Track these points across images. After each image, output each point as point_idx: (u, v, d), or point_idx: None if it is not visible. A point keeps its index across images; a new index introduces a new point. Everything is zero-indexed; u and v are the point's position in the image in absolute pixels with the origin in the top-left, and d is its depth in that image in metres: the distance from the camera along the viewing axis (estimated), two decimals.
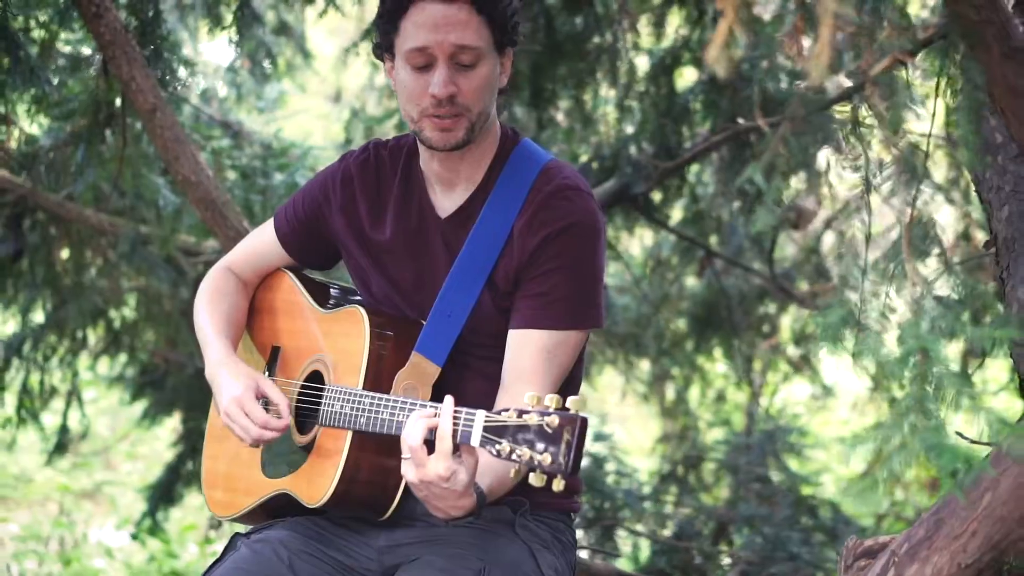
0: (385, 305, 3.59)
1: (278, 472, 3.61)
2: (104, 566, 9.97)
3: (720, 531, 6.80)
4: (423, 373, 3.43)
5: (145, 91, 4.86)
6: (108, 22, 4.84)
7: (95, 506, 11.36)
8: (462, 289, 3.46)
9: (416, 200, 3.56)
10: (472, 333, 3.47)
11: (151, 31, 5.25)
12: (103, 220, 6.15)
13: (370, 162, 3.64)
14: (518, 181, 3.47)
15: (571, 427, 2.88)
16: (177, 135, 4.93)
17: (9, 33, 5.98)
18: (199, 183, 4.98)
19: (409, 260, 3.55)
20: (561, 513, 3.63)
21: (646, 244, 8.17)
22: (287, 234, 3.77)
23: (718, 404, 9.06)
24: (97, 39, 4.88)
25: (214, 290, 3.83)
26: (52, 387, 8.07)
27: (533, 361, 3.38)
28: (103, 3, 4.82)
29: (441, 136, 3.38)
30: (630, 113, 6.48)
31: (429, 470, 3.04)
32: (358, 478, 3.38)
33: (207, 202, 5.02)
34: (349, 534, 3.54)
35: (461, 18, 3.32)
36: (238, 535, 3.58)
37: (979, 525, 2.99)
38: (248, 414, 3.47)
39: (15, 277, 7.27)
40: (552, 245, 3.39)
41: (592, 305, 3.45)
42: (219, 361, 3.61)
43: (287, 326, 3.78)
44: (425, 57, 3.33)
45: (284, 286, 3.81)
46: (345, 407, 3.37)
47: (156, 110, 4.88)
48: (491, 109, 3.45)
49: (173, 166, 4.93)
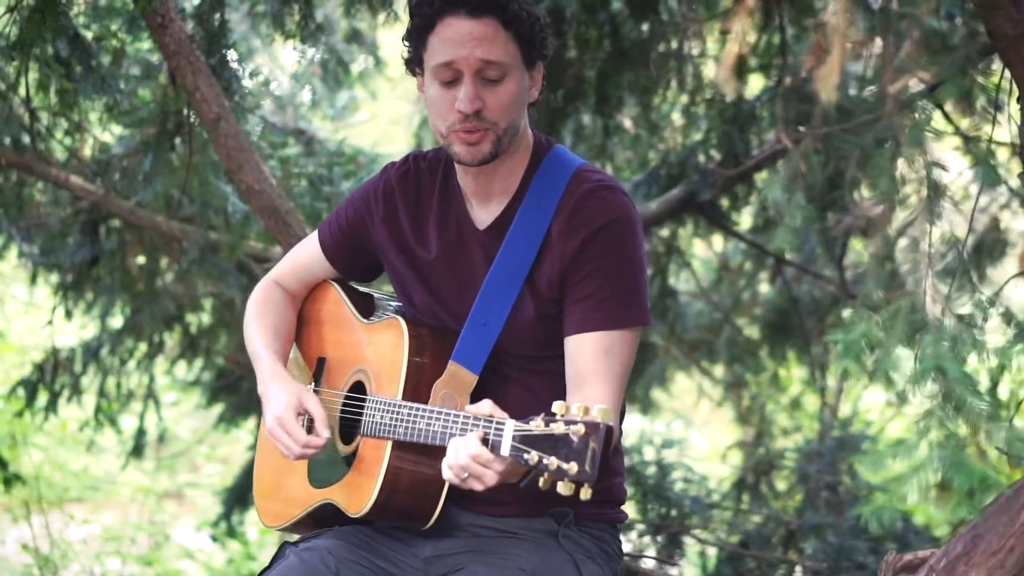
0: (427, 316, 3.60)
1: (324, 482, 3.64)
2: (185, 567, 10.10)
3: (789, 539, 6.74)
4: (460, 382, 3.44)
5: (209, 100, 4.91)
6: (173, 32, 4.89)
7: (178, 507, 11.51)
8: (498, 297, 3.46)
9: (454, 213, 3.57)
10: (511, 341, 3.47)
11: (218, 40, 5.30)
12: (174, 227, 6.21)
13: (410, 174, 3.65)
14: (551, 187, 3.46)
15: (596, 435, 2.87)
16: (241, 144, 4.97)
17: (82, 41, 6.08)
18: (262, 191, 5.01)
19: (450, 272, 3.55)
20: (606, 523, 3.61)
21: (716, 250, 8.12)
22: (331, 246, 3.80)
23: (794, 410, 9.00)
24: (162, 49, 4.93)
25: (262, 303, 3.86)
26: (129, 391, 8.18)
27: (593, 363, 3.36)
28: (168, 13, 4.87)
29: (468, 151, 3.39)
30: (697, 120, 6.46)
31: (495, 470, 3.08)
32: (399, 488, 3.40)
33: (270, 210, 5.05)
34: (395, 543, 3.55)
35: (488, 33, 3.32)
36: (287, 543, 3.61)
37: (1016, 541, 2.95)
38: (289, 433, 3.51)
39: (93, 282, 7.38)
40: (592, 245, 3.38)
41: (639, 302, 3.43)
42: (266, 378, 3.64)
43: (332, 337, 3.80)
44: (452, 72, 3.34)
45: (329, 298, 3.84)
46: (385, 417, 3.39)
47: (220, 119, 4.92)
48: (520, 122, 3.44)
49: (237, 175, 4.97)
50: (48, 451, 11.45)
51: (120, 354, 7.99)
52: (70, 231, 7.06)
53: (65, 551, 10.36)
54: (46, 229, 7.17)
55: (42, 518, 10.29)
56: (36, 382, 7.93)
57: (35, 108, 6.40)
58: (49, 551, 10.05)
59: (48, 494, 11.05)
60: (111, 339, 7.91)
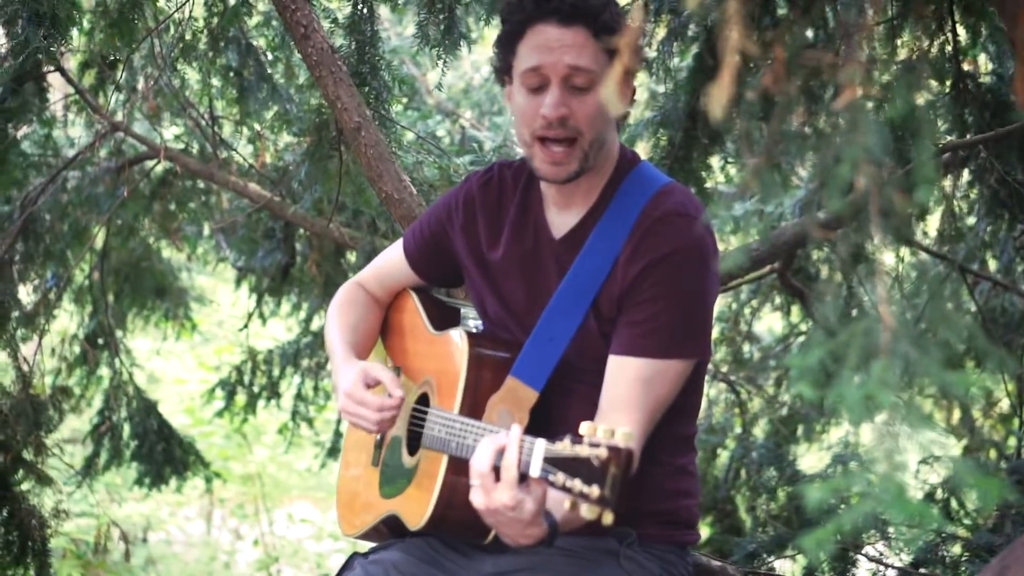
0: (498, 327, 3.57)
1: (391, 493, 3.64)
2: None
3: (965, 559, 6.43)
4: (519, 398, 3.38)
5: (350, 110, 4.94)
6: (316, 43, 4.94)
7: None
8: (566, 313, 3.39)
9: (532, 220, 3.53)
10: (578, 358, 3.40)
11: (369, 50, 5.34)
12: (343, 234, 6.29)
13: (492, 182, 3.63)
14: (629, 206, 3.38)
15: (617, 460, 2.78)
16: (381, 153, 4.99)
17: (254, 51, 6.22)
18: (402, 200, 5.02)
19: (522, 281, 3.51)
20: (673, 545, 3.52)
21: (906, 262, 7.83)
22: (413, 253, 3.80)
23: (1006, 424, 8.63)
24: (306, 59, 4.99)
25: (342, 302, 3.90)
26: (326, 394, 8.33)
27: (629, 390, 3.28)
28: (311, 24, 4.93)
29: (552, 170, 3.34)
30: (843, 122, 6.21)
31: (495, 498, 2.99)
32: (454, 502, 3.36)
33: (410, 220, 5.05)
34: (459, 557, 3.53)
35: (577, 41, 3.27)
36: (356, 555, 3.61)
37: None
38: (361, 403, 3.48)
39: (290, 285, 7.55)
40: (653, 273, 3.29)
41: (694, 336, 3.33)
42: (339, 366, 3.66)
43: (407, 347, 3.81)
44: (539, 78, 3.30)
45: (408, 307, 3.85)
46: (441, 431, 3.36)
47: (360, 128, 4.96)
48: (607, 135, 3.38)
49: (377, 184, 4.99)
50: (274, 450, 11.77)
51: (318, 358, 8.15)
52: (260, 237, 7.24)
53: (296, 550, 10.65)
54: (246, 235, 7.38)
55: (267, 516, 10.60)
56: (235, 384, 8.15)
57: (217, 116, 6.59)
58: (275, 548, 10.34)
59: (273, 492, 11.36)
60: (308, 343, 8.08)
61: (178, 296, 8.41)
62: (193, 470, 7.88)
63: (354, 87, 4.98)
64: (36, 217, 6.66)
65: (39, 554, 6.37)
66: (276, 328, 10.36)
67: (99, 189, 6.96)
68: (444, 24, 5.34)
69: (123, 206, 7.04)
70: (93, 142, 6.74)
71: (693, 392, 3.47)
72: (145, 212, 7.38)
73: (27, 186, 6.78)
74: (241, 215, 7.16)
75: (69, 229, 7.03)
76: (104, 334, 7.74)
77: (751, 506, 7.28)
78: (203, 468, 7.95)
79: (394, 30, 8.59)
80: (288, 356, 8.10)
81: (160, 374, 12.81)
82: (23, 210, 6.58)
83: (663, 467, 3.47)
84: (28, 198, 6.63)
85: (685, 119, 5.48)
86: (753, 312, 8.29)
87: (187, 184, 7.38)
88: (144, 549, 10.06)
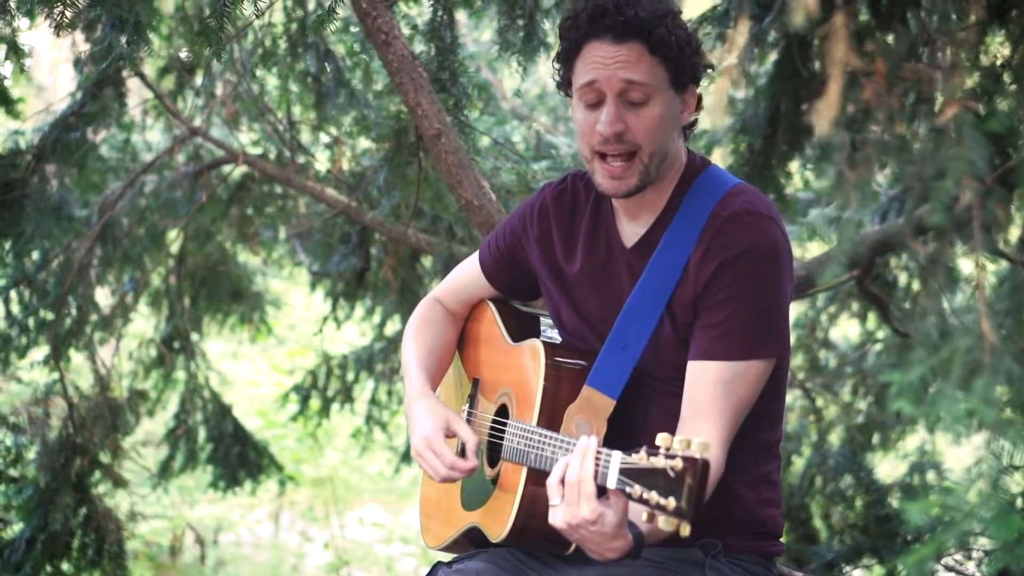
0: (575, 337, 3.55)
1: (472, 504, 3.63)
2: None
3: None
4: (596, 408, 3.36)
5: (430, 116, 4.93)
6: (396, 50, 4.94)
7: None
8: (639, 320, 3.36)
9: (604, 230, 3.50)
10: (654, 365, 3.38)
11: (449, 56, 5.34)
12: (421, 239, 6.29)
13: (567, 193, 3.61)
14: (699, 208, 3.35)
15: (693, 471, 2.76)
16: (461, 160, 4.98)
17: (332, 56, 6.23)
18: (481, 207, 5.01)
19: (596, 291, 3.49)
20: (759, 556, 3.48)
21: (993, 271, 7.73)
22: (489, 265, 3.79)
23: None
24: (386, 66, 4.99)
25: (420, 321, 3.89)
26: (400, 398, 8.33)
27: (709, 394, 3.25)
28: (392, 31, 4.93)
29: (612, 184, 3.33)
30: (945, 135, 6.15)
31: (576, 513, 2.97)
32: (535, 513, 3.34)
33: (489, 226, 5.05)
34: (543, 568, 3.50)
35: (632, 57, 3.26)
36: (440, 564, 3.59)
37: None
38: (436, 453, 3.49)
39: (365, 290, 7.56)
40: (727, 273, 3.26)
41: (772, 334, 3.29)
42: (414, 396, 3.65)
43: (486, 358, 3.79)
44: (595, 93, 3.29)
45: (486, 318, 3.83)
46: (520, 443, 3.35)
47: (441, 135, 4.95)
48: (669, 147, 3.35)
49: (456, 190, 4.98)
50: (346, 453, 11.81)
51: (392, 363, 8.15)
52: (336, 241, 7.25)
53: (366, 553, 10.67)
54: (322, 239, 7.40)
55: (338, 519, 10.62)
56: (309, 388, 8.17)
57: (295, 121, 6.60)
58: (345, 551, 10.36)
59: (344, 496, 11.39)
60: (381, 348, 8.08)
61: (253, 300, 8.43)
62: (267, 473, 7.93)
63: (434, 94, 4.97)
64: (114, 221, 6.72)
65: (115, 556, 6.42)
66: (350, 332, 10.39)
67: (177, 193, 7.01)
68: (524, 30, 5.33)
69: (200, 210, 7.09)
70: (171, 147, 6.80)
71: (774, 398, 3.43)
72: (222, 216, 7.42)
73: (105, 190, 6.84)
74: (317, 220, 7.17)
75: (147, 233, 7.08)
76: (180, 338, 7.80)
77: (826, 514, 7.22)
78: (277, 471, 7.99)
79: (470, 36, 8.60)
80: (362, 361, 8.12)
81: (232, 376, 12.88)
82: (101, 214, 6.64)
83: (747, 475, 3.43)
84: (106, 202, 6.68)
85: (765, 125, 5.43)
86: (830, 319, 8.22)
87: (264, 189, 7.42)
88: (215, 551, 10.11)
